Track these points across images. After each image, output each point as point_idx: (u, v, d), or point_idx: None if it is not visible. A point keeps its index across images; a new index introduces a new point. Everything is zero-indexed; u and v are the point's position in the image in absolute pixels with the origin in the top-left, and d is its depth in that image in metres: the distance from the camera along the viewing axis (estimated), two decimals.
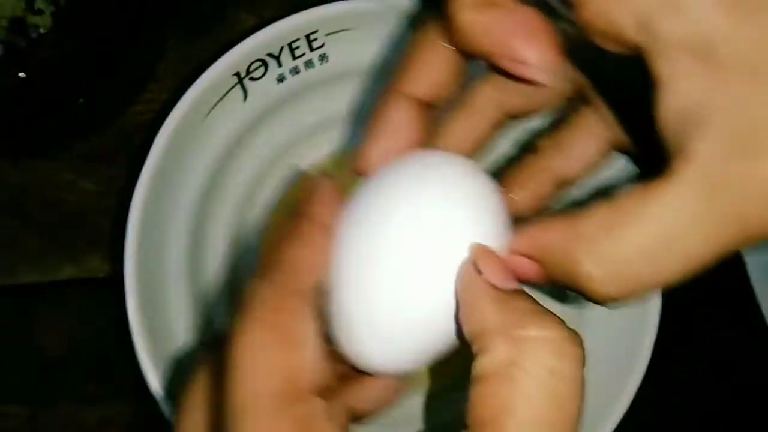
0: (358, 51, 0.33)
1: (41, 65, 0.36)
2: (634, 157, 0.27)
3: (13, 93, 0.36)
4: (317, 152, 0.36)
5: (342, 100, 0.35)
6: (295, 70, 0.34)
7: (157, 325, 0.32)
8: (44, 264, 0.38)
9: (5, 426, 0.37)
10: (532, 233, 0.21)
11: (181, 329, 0.34)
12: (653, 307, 0.32)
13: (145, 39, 0.38)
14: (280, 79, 0.34)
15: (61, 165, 0.38)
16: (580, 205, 0.22)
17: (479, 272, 0.20)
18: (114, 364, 0.38)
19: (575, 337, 0.19)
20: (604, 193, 0.21)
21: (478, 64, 0.22)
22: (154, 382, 0.31)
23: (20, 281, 0.38)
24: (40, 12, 0.36)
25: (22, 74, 0.36)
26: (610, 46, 0.19)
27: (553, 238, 0.20)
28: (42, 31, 0.36)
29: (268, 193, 0.36)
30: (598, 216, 0.19)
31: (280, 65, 0.33)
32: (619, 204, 0.19)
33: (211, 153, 0.34)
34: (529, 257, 0.21)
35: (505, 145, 0.34)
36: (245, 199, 0.35)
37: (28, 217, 0.38)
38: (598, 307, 0.21)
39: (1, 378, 0.37)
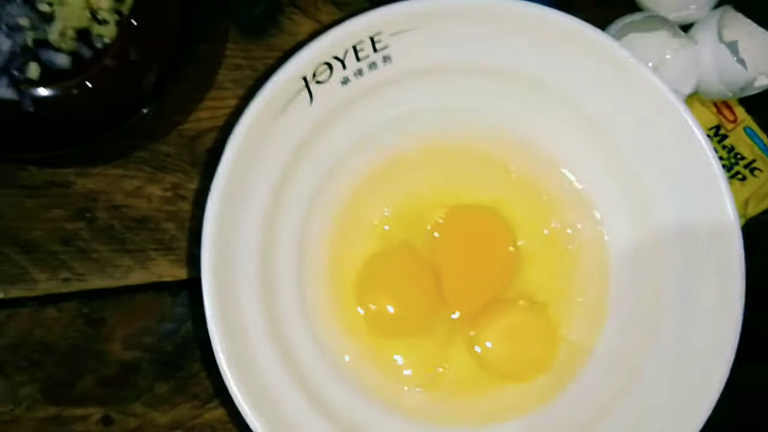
0: (421, 51, 0.33)
1: (107, 74, 0.36)
2: None
3: (80, 102, 0.36)
4: (381, 154, 0.35)
5: (405, 100, 0.34)
6: (360, 72, 0.33)
7: (232, 328, 0.32)
8: (114, 269, 0.37)
9: (79, 428, 0.37)
10: None
11: (253, 331, 0.33)
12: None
13: (204, 46, 0.38)
14: (345, 81, 0.33)
15: (127, 172, 0.38)
16: None
17: None
18: (182, 367, 0.38)
19: None
20: None
21: None
22: (233, 383, 0.31)
23: (90, 287, 0.37)
24: (105, 22, 0.36)
25: (88, 83, 0.36)
26: None
27: None
28: (107, 41, 0.36)
29: (333, 194, 0.35)
30: None
31: (344, 67, 0.33)
32: None
33: (280, 155, 0.33)
34: None
35: None
36: (313, 199, 0.35)
37: (97, 223, 0.38)
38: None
39: (74, 381, 0.37)
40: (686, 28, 0.38)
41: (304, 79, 0.32)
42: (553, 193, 0.36)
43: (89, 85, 0.36)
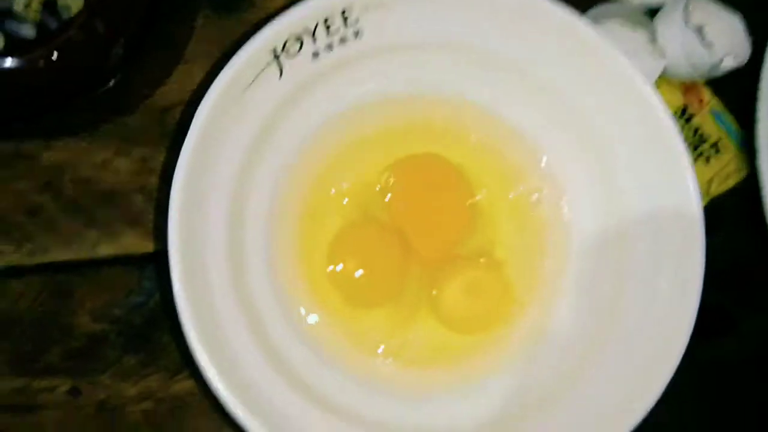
0: (393, 28, 0.33)
1: (72, 46, 0.36)
2: None
3: (45, 74, 0.36)
4: (352, 128, 0.35)
5: (376, 76, 0.34)
6: (329, 47, 0.33)
7: (200, 300, 0.32)
8: (81, 242, 0.37)
9: (48, 399, 0.37)
10: None
11: (222, 304, 0.33)
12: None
13: (174, 19, 0.37)
14: (315, 55, 0.33)
15: (94, 145, 0.37)
16: None
17: None
18: (151, 339, 0.37)
19: None
20: None
21: None
22: (201, 355, 0.31)
23: (57, 259, 0.37)
24: None
25: (53, 54, 0.36)
26: None
27: None
28: (73, 12, 0.35)
29: (301, 168, 0.35)
30: None
31: (315, 41, 0.32)
32: None
33: (248, 129, 0.33)
34: None
35: None
36: (281, 173, 0.35)
37: (64, 196, 0.37)
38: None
39: (42, 353, 0.37)
40: (655, 12, 0.38)
41: (274, 51, 0.32)
42: (517, 162, 0.36)
43: (54, 56, 0.35)
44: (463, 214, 0.37)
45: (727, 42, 0.36)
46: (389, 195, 0.36)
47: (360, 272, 0.36)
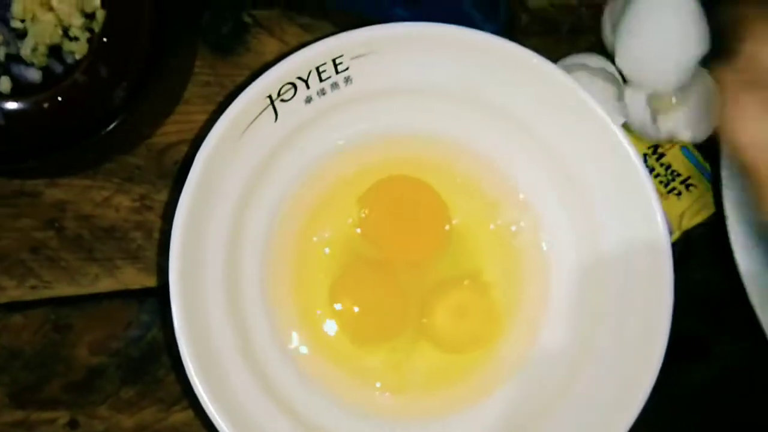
0: (381, 73, 0.34)
1: (77, 89, 0.37)
2: None
3: (50, 115, 0.37)
4: (344, 168, 0.37)
5: (366, 119, 0.36)
6: (322, 92, 0.35)
7: (199, 333, 0.33)
8: (81, 277, 0.38)
9: (47, 431, 0.38)
10: None
11: (220, 337, 0.34)
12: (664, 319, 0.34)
13: (173, 63, 0.39)
14: (308, 100, 0.35)
15: (96, 183, 0.39)
16: None
17: None
18: (148, 371, 0.38)
19: None
20: None
21: None
22: (200, 387, 0.32)
23: (58, 294, 0.38)
24: (76, 39, 0.37)
25: (58, 97, 0.37)
26: None
27: None
28: (77, 57, 0.37)
29: (299, 206, 0.37)
30: None
31: (308, 87, 0.34)
32: None
33: (246, 169, 0.35)
34: None
35: None
36: (277, 212, 0.36)
37: (66, 232, 0.38)
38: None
39: (41, 386, 0.38)
40: None
41: (270, 97, 0.34)
42: (496, 196, 0.38)
43: (59, 99, 0.37)
44: (437, 224, 0.38)
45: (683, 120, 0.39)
46: (363, 215, 0.38)
47: (364, 314, 0.37)
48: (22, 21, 0.36)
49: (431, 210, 0.38)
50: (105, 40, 0.37)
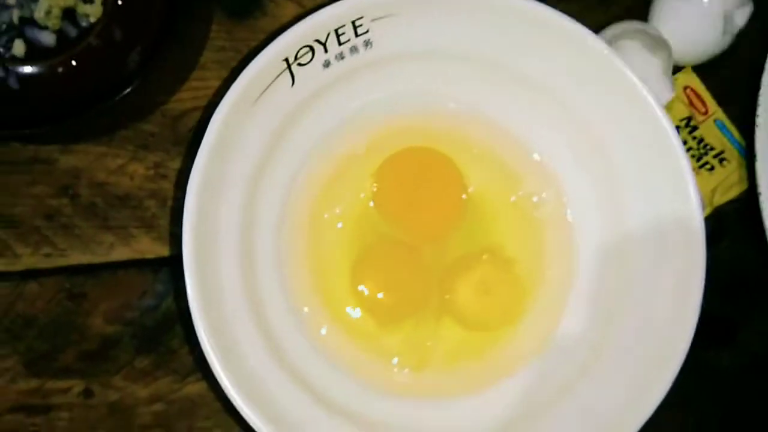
0: (402, 37, 0.33)
1: (91, 53, 0.36)
2: None
3: (64, 80, 0.36)
4: (361, 136, 0.36)
5: (386, 85, 0.35)
6: (341, 56, 0.34)
7: (212, 304, 0.33)
8: (96, 245, 0.38)
9: (60, 401, 0.37)
10: None
11: (233, 308, 0.34)
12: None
13: (189, 27, 0.38)
14: (326, 64, 0.34)
15: (110, 150, 0.38)
16: None
17: None
18: (163, 342, 0.38)
19: None
20: None
21: None
22: (213, 357, 0.32)
23: (73, 262, 0.38)
24: (90, 2, 0.36)
25: (73, 62, 0.36)
26: None
27: None
28: (92, 20, 0.36)
29: (315, 174, 0.36)
30: None
31: (326, 51, 0.33)
32: None
33: (261, 136, 0.34)
34: None
35: None
36: (293, 179, 0.35)
37: (80, 199, 0.38)
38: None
39: (56, 355, 0.37)
40: None
41: (286, 60, 0.32)
42: (517, 167, 0.37)
43: (74, 63, 0.36)
44: (453, 195, 0.37)
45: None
46: (375, 190, 0.37)
47: (388, 295, 0.37)
48: None
49: (446, 180, 0.37)
50: (120, 2, 0.36)
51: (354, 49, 0.34)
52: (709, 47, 0.37)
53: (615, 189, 0.35)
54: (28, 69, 0.36)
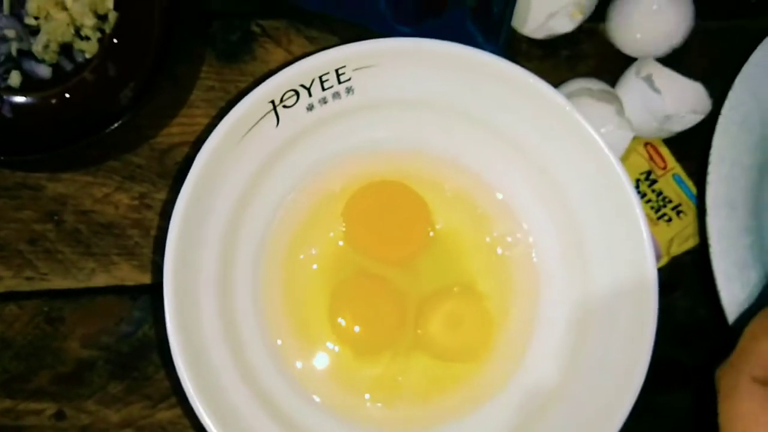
0: (382, 86, 0.35)
1: (85, 87, 0.38)
2: None
3: (57, 111, 0.38)
4: (338, 176, 0.38)
5: (365, 129, 0.37)
6: (324, 101, 0.35)
7: (190, 332, 0.33)
8: (77, 271, 0.39)
9: (32, 422, 0.38)
10: None
11: (211, 337, 0.35)
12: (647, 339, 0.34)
13: (181, 67, 0.40)
14: (310, 108, 0.35)
15: (97, 179, 0.39)
16: None
17: None
18: (137, 368, 0.39)
19: None
20: None
21: None
22: (190, 385, 0.32)
23: (54, 286, 0.38)
24: (87, 39, 0.38)
25: (66, 94, 0.38)
26: None
27: None
28: (88, 56, 0.38)
29: (293, 212, 0.37)
30: None
31: (310, 95, 0.35)
32: None
33: (244, 172, 0.35)
34: None
35: None
36: (273, 216, 0.37)
37: (65, 226, 0.39)
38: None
39: (31, 376, 0.38)
40: None
41: (272, 102, 0.34)
42: (489, 209, 0.39)
43: (67, 95, 0.38)
44: (419, 218, 0.38)
45: (683, 100, 0.39)
46: (343, 228, 0.38)
47: (365, 327, 0.38)
48: (36, 18, 0.37)
49: (411, 207, 0.38)
50: (115, 41, 0.38)
51: (336, 95, 0.36)
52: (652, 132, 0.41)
53: (576, 235, 0.37)
54: (22, 99, 0.38)
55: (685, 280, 0.42)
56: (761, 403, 0.29)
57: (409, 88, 0.36)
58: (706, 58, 0.42)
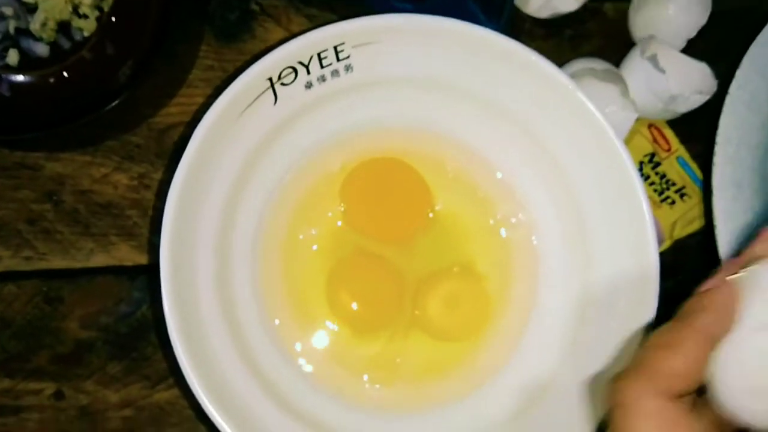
0: (381, 63, 0.35)
1: (83, 65, 0.37)
2: None
3: (55, 90, 0.37)
4: (337, 155, 0.37)
5: (364, 108, 0.36)
6: (322, 78, 0.35)
7: (187, 312, 0.33)
8: (76, 251, 0.39)
9: (31, 402, 0.38)
10: None
11: (208, 316, 0.34)
12: None
13: (180, 45, 0.40)
14: (308, 85, 0.35)
15: (96, 159, 0.39)
16: None
17: None
18: (136, 348, 0.39)
19: None
20: None
21: None
22: (186, 364, 0.32)
23: (53, 266, 0.38)
24: (85, 17, 0.37)
25: (64, 73, 0.38)
26: None
27: None
28: (86, 34, 0.37)
29: (291, 191, 0.37)
30: None
31: (308, 73, 0.35)
32: None
33: (242, 151, 0.35)
34: None
35: None
36: (271, 195, 0.37)
37: (63, 206, 0.39)
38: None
39: (30, 356, 0.38)
40: None
41: (270, 80, 0.34)
42: (490, 190, 0.38)
43: (65, 74, 0.37)
44: (418, 195, 0.38)
45: (688, 80, 0.39)
46: (341, 208, 0.38)
47: (363, 306, 0.37)
48: None
49: (409, 184, 0.38)
50: (113, 19, 0.37)
51: (335, 73, 0.35)
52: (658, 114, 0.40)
53: (577, 217, 0.37)
54: (20, 78, 0.37)
55: (689, 263, 0.41)
56: (659, 424, 0.27)
57: (409, 65, 0.35)
58: (712, 39, 0.41)
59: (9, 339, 0.38)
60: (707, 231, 0.40)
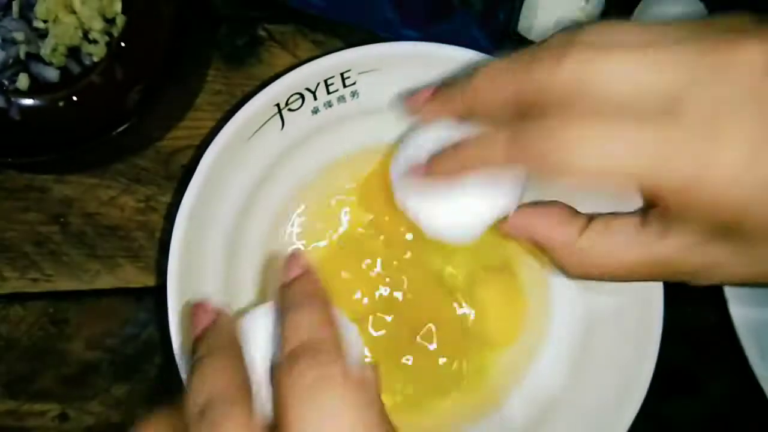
0: (387, 89, 0.35)
1: (92, 90, 0.38)
2: None
3: (64, 114, 0.38)
4: (345, 179, 0.38)
5: (369, 132, 0.37)
6: (329, 104, 0.35)
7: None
8: (82, 273, 0.39)
9: (35, 424, 0.38)
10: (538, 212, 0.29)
11: None
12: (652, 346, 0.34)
13: (188, 70, 0.40)
14: (315, 111, 0.35)
15: (103, 182, 0.39)
16: None
17: None
18: (141, 370, 0.39)
19: None
20: None
21: None
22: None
23: (59, 288, 0.39)
24: (95, 42, 0.38)
25: (74, 97, 0.38)
26: None
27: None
28: (95, 59, 0.38)
29: (299, 214, 0.37)
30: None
31: (315, 99, 0.35)
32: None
33: (249, 176, 0.35)
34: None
35: None
36: (278, 218, 0.37)
37: (71, 228, 0.39)
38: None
39: (35, 377, 0.38)
40: None
41: (278, 105, 0.34)
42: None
43: (75, 98, 0.38)
44: None
45: None
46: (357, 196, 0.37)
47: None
48: (45, 21, 0.37)
49: None
50: (123, 44, 0.38)
51: (341, 99, 0.36)
52: None
53: None
54: (30, 102, 0.38)
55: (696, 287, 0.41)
56: None
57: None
58: None
59: (15, 360, 0.38)
60: None
